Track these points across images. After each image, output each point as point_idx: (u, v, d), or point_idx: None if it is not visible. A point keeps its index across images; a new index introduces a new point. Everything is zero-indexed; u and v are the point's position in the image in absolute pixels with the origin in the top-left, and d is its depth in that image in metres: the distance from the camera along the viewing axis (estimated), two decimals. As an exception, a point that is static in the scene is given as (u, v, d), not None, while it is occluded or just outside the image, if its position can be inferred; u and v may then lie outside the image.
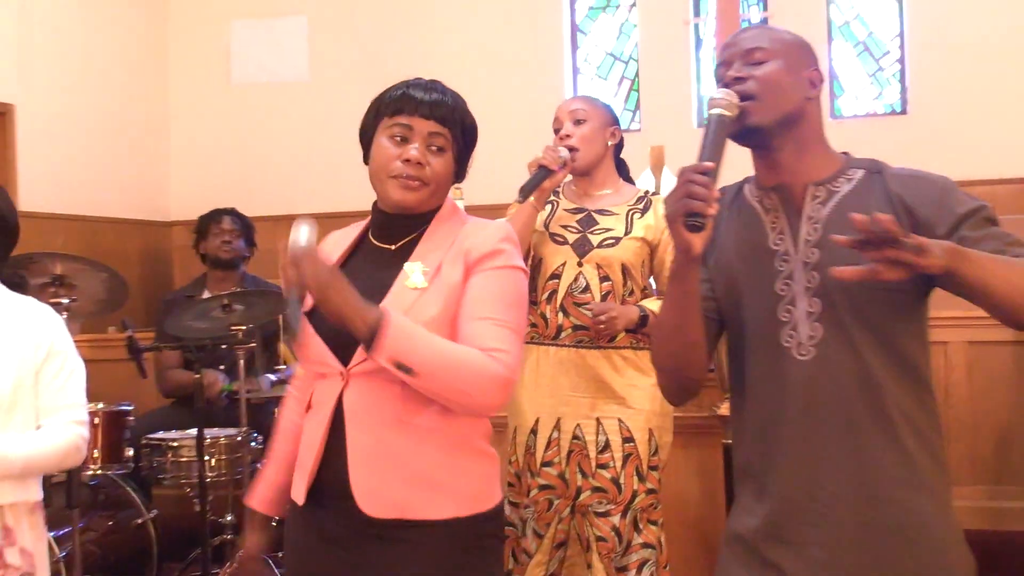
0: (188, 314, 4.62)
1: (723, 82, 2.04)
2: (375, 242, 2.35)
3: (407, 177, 2.20)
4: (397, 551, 2.18)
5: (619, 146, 3.75)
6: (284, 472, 2.35)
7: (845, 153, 2.13)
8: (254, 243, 5.65)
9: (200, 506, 4.56)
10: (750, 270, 2.08)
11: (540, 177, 3.44)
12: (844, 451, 1.99)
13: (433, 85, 2.30)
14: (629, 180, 3.82)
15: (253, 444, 4.82)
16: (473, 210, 2.45)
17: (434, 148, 2.24)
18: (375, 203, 2.34)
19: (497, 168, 6.15)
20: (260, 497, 2.40)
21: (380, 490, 2.16)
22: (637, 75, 7.15)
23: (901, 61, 6.81)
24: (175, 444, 4.66)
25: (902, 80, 6.80)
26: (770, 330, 2.04)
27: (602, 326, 3.46)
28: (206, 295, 5.29)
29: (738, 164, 2.11)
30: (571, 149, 3.56)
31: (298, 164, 7.36)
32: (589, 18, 7.28)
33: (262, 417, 4.97)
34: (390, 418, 2.18)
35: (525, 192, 3.45)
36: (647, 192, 3.77)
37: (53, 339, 2.75)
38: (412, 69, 7.50)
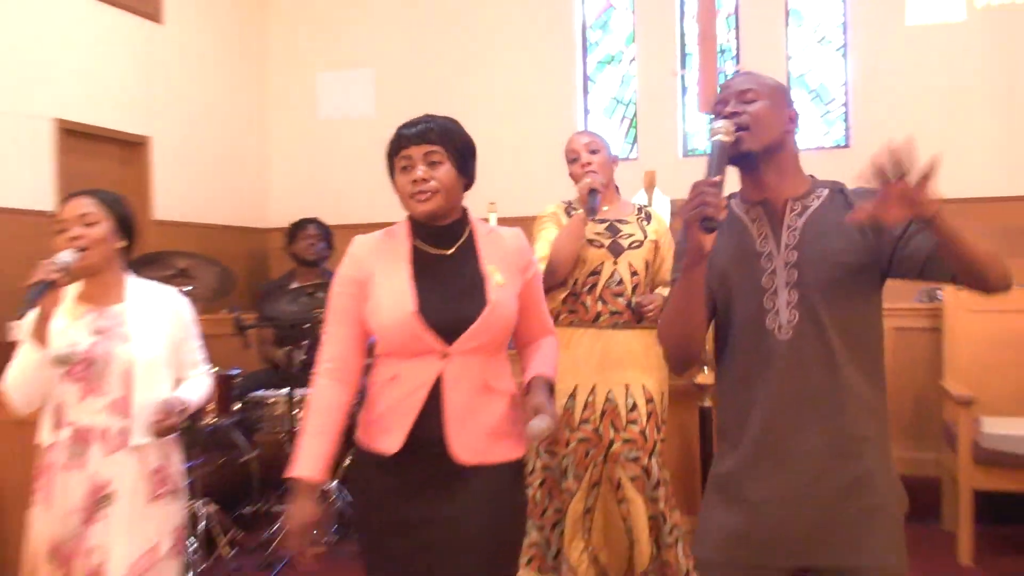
0: (282, 300, 4.73)
1: (721, 116, 2.06)
2: (431, 250, 2.34)
3: (418, 192, 2.26)
4: (473, 487, 2.24)
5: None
6: (328, 443, 2.29)
7: (811, 176, 2.17)
8: (332, 245, 5.73)
9: (290, 448, 4.70)
10: (740, 268, 2.10)
11: (595, 199, 3.51)
12: (807, 411, 2.01)
13: (419, 119, 2.36)
14: None
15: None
16: (505, 221, 2.60)
17: (433, 163, 2.28)
18: (412, 220, 2.36)
19: (523, 187, 6.30)
20: (308, 468, 2.26)
21: (469, 442, 2.24)
22: (635, 115, 7.14)
23: (845, 105, 6.78)
24: (271, 400, 4.81)
25: (846, 120, 6.77)
26: (757, 315, 2.06)
27: (649, 312, 3.55)
28: (294, 285, 5.39)
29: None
30: (593, 172, 3.59)
31: (366, 183, 7.27)
32: (597, 70, 7.27)
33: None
34: (478, 387, 2.26)
35: (589, 212, 3.51)
36: (643, 206, 3.86)
37: (185, 314, 2.83)
38: (455, 109, 7.68)
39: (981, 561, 4.24)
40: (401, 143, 2.33)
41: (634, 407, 3.60)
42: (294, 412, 4.73)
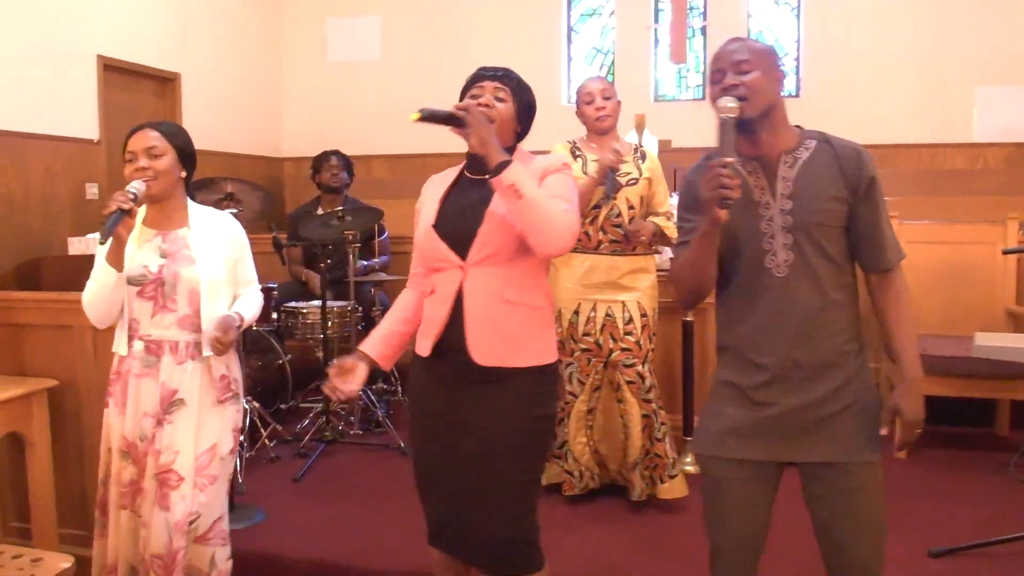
0: (315, 223, 4.69)
1: (719, 88, 2.03)
2: (471, 176, 2.36)
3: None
4: (495, 389, 2.23)
5: None
6: (389, 333, 2.40)
7: (798, 127, 2.14)
8: (353, 174, 5.66)
9: (323, 352, 4.73)
10: (741, 216, 2.08)
11: (611, 181, 3.57)
12: (799, 331, 2.04)
13: (502, 68, 2.37)
14: None
15: (357, 313, 4.96)
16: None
17: (499, 98, 2.29)
18: (468, 152, 2.30)
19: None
20: (367, 345, 2.40)
21: (487, 346, 2.21)
22: (613, 63, 7.08)
23: (797, 60, 6.78)
24: (304, 311, 4.79)
25: (797, 72, 6.77)
26: (757, 256, 2.08)
27: (642, 237, 3.60)
28: (321, 211, 5.36)
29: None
30: (607, 116, 3.66)
31: (371, 118, 7.29)
32: (580, 22, 7.19)
33: (361, 293, 5.12)
34: (496, 297, 2.22)
35: (607, 190, 3.58)
36: (638, 145, 3.86)
37: (239, 236, 2.77)
38: (452, 55, 7.68)
39: (912, 455, 4.38)
40: (480, 77, 2.35)
41: (630, 321, 3.67)
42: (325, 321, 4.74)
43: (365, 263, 5.18)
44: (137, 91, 5.86)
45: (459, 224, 2.27)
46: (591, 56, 7.18)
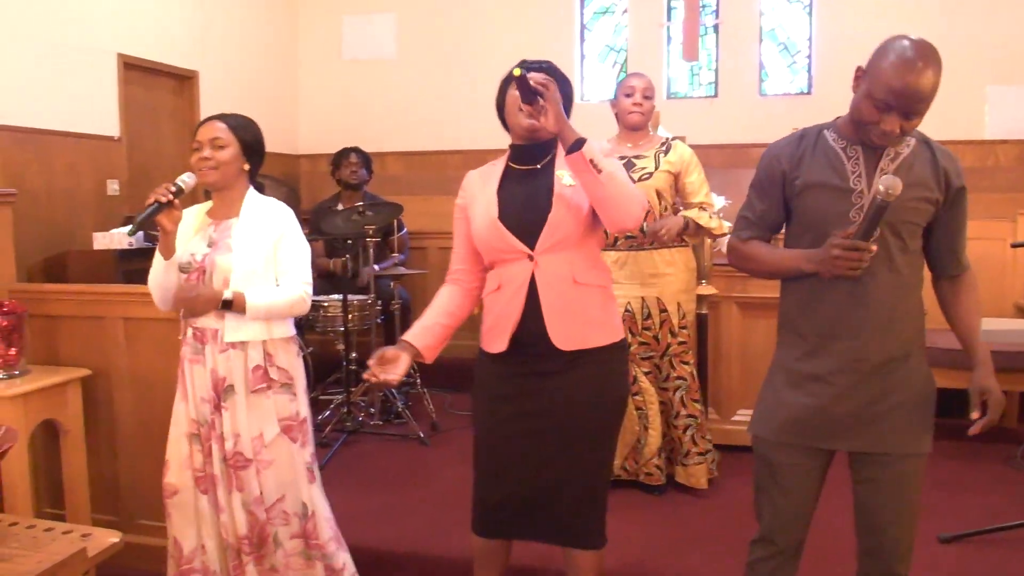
0: (336, 218, 4.79)
1: (883, 133, 2.01)
2: (518, 167, 2.39)
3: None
4: (576, 372, 2.29)
5: None
6: (432, 325, 2.40)
7: None
8: (372, 170, 5.72)
9: (345, 345, 4.83)
10: (832, 198, 2.10)
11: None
12: (868, 320, 2.07)
13: (540, 60, 2.41)
14: None
15: (377, 307, 5.04)
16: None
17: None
18: (511, 144, 2.40)
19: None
20: (410, 335, 2.39)
21: (567, 331, 2.26)
22: (626, 61, 7.17)
23: (809, 57, 6.86)
24: (326, 304, 4.87)
25: (809, 70, 6.85)
26: None
27: (662, 236, 3.62)
28: (341, 207, 5.44)
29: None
30: (639, 113, 3.72)
31: (387, 115, 7.40)
32: (593, 19, 7.28)
33: (381, 288, 5.21)
34: (568, 282, 2.26)
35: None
36: (668, 138, 3.87)
37: (285, 226, 2.72)
38: (466, 52, 7.77)
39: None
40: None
41: (648, 316, 3.75)
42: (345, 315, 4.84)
43: (378, 267, 5.26)
44: (156, 89, 5.97)
45: (525, 214, 2.30)
46: (604, 54, 7.27)
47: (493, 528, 2.46)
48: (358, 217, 4.66)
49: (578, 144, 2.16)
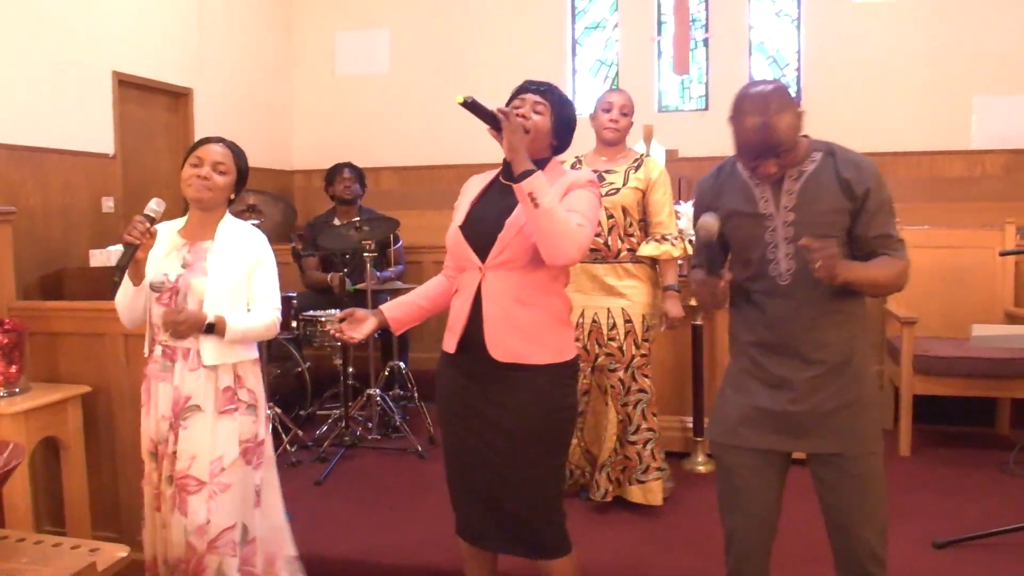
0: (332, 233, 4.82)
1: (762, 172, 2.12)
2: (504, 181, 2.44)
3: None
4: (513, 383, 2.35)
5: None
6: (409, 304, 2.55)
7: (806, 136, 2.20)
8: (365, 185, 5.74)
9: (342, 360, 4.85)
10: (748, 226, 2.22)
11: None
12: (805, 331, 2.18)
13: (541, 81, 2.46)
14: None
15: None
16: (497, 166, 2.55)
17: (537, 112, 2.38)
18: (504, 159, 2.39)
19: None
20: (387, 306, 2.53)
21: (504, 343, 2.33)
22: (617, 75, 7.25)
23: (798, 70, 6.95)
24: (323, 319, 4.88)
25: (798, 82, 6.93)
26: (761, 263, 2.22)
27: (675, 317, 3.80)
28: (337, 222, 5.47)
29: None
30: (615, 130, 3.75)
31: (380, 131, 7.46)
32: (584, 34, 7.36)
33: (378, 302, 5.19)
34: (512, 297, 2.33)
35: None
36: (641, 155, 3.88)
37: (261, 253, 2.77)
38: (459, 68, 7.80)
39: (916, 452, 4.55)
40: (523, 89, 2.46)
41: (613, 327, 3.75)
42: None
43: (380, 274, 5.31)
44: (151, 106, 6.01)
45: (482, 228, 2.38)
46: (595, 68, 7.34)
47: (467, 532, 2.53)
48: (355, 232, 4.69)
49: (522, 176, 2.21)
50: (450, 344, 2.44)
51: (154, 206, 2.60)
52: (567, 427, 2.48)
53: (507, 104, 2.44)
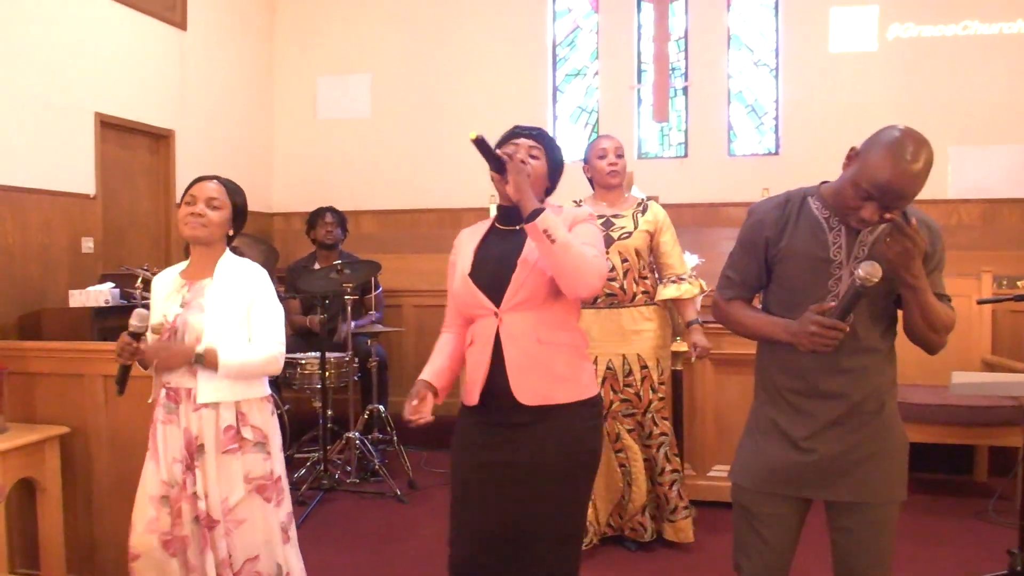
0: (313, 276, 4.86)
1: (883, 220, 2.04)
2: (502, 227, 2.49)
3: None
4: (543, 427, 2.32)
5: None
6: (440, 366, 2.48)
7: None
8: (347, 230, 5.81)
9: (322, 403, 4.83)
10: (812, 267, 2.18)
11: None
12: (842, 377, 2.16)
13: (532, 127, 2.52)
14: None
15: (354, 365, 5.07)
16: (484, 212, 2.55)
17: (532, 156, 2.43)
18: (499, 205, 2.48)
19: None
20: (427, 373, 2.45)
21: (529, 386, 2.30)
22: (597, 122, 7.35)
23: (776, 118, 7.07)
24: (303, 362, 4.89)
25: (776, 131, 7.05)
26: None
27: (703, 346, 3.88)
28: (317, 266, 5.50)
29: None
30: (617, 172, 3.84)
31: (361, 175, 7.52)
32: (565, 82, 7.47)
33: (357, 345, 5.23)
34: (533, 338, 2.32)
35: None
36: (643, 199, 3.98)
37: (260, 289, 2.78)
38: (441, 113, 7.91)
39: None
40: (515, 135, 2.50)
41: (630, 373, 3.82)
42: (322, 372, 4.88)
43: (355, 324, 5.31)
44: (133, 147, 6.05)
45: (494, 272, 2.38)
46: (576, 115, 7.47)
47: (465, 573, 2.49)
48: (336, 275, 4.74)
49: (533, 215, 2.23)
50: (472, 396, 2.39)
51: (136, 321, 2.65)
52: (592, 466, 2.46)
53: (496, 148, 2.47)
